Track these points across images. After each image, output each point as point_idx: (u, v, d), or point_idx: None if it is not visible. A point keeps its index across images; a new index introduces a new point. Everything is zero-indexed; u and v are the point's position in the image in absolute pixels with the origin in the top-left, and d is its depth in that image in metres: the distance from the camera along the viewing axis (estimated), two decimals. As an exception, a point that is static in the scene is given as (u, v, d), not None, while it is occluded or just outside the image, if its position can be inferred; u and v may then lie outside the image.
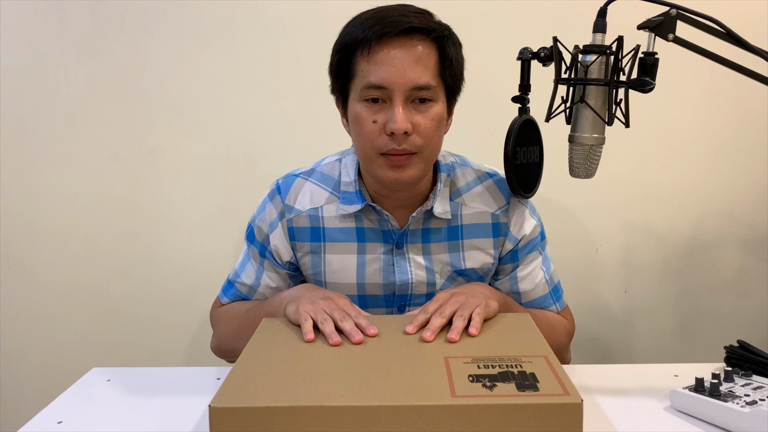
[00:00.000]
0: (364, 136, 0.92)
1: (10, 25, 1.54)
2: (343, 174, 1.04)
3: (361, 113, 0.92)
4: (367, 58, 0.89)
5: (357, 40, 0.90)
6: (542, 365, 0.73)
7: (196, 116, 1.59)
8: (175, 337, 1.69)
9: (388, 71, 0.88)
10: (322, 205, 1.03)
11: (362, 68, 0.90)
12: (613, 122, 0.83)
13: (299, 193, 1.05)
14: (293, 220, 1.04)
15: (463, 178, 1.06)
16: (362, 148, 0.94)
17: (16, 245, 1.65)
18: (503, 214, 1.05)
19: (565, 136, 0.85)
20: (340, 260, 1.03)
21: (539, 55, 0.83)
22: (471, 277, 1.05)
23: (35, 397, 1.69)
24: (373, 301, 1.06)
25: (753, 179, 1.61)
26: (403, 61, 0.88)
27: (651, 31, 0.78)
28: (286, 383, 0.70)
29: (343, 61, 0.93)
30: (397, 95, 0.89)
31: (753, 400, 0.79)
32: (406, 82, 0.89)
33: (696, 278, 1.67)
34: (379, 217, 1.02)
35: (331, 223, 1.03)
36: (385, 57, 0.88)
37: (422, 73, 0.89)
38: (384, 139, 0.91)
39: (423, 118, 0.91)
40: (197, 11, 1.53)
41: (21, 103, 1.58)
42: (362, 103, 0.92)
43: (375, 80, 0.89)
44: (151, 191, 1.62)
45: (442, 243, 1.04)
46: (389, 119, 0.90)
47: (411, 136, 0.91)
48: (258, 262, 1.09)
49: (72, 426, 0.86)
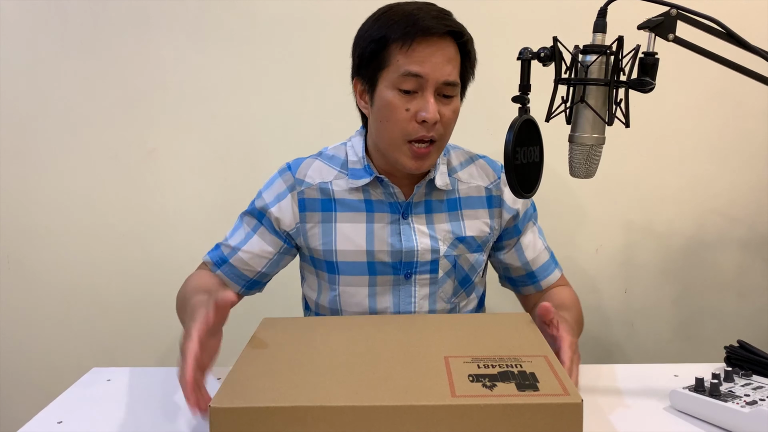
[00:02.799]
0: (395, 122, 1.01)
1: (10, 25, 1.54)
2: (350, 154, 1.13)
3: (394, 101, 1.01)
4: (405, 52, 0.99)
5: (395, 36, 0.99)
6: (542, 365, 0.73)
7: (196, 116, 1.59)
8: (174, 337, 1.69)
9: (425, 64, 0.98)
10: (332, 179, 1.12)
11: (399, 60, 0.99)
12: (613, 122, 0.83)
13: (309, 169, 1.13)
14: (304, 192, 1.12)
15: (457, 158, 1.17)
16: (390, 133, 1.03)
17: (16, 245, 1.65)
18: (495, 187, 1.16)
19: (565, 136, 0.85)
20: (350, 228, 1.10)
21: (539, 55, 0.83)
22: (471, 245, 1.13)
23: (35, 397, 1.69)
24: (382, 269, 1.10)
25: (753, 179, 1.61)
26: (439, 58, 0.99)
27: (651, 31, 0.78)
28: (287, 383, 0.70)
29: (378, 51, 1.01)
30: (429, 86, 0.99)
31: (753, 400, 0.79)
32: (440, 76, 0.99)
33: (696, 278, 1.67)
34: (385, 190, 1.11)
35: (341, 195, 1.11)
36: (424, 52, 0.99)
37: (452, 71, 1.01)
38: (414, 126, 1.01)
39: (447, 110, 1.02)
40: (197, 11, 1.53)
41: (21, 103, 1.58)
42: (395, 91, 1.01)
43: (414, 70, 0.98)
44: (151, 191, 1.63)
45: (443, 213, 1.12)
46: (421, 108, 1.00)
47: (437, 125, 1.01)
48: (250, 228, 1.15)
49: (72, 426, 0.86)
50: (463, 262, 1.12)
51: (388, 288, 1.11)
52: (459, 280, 1.13)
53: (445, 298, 1.13)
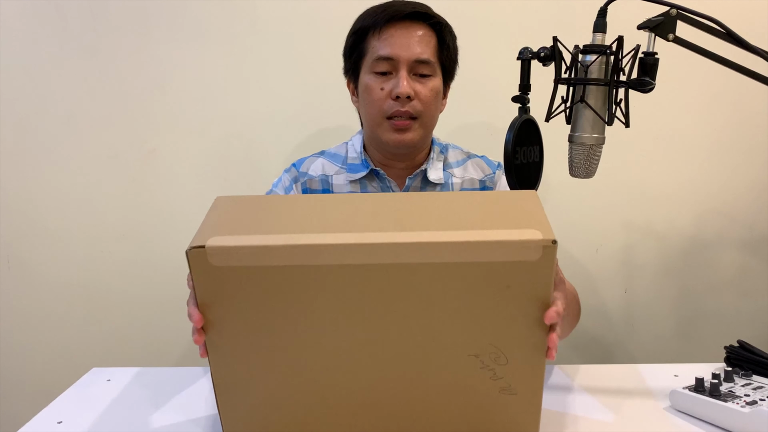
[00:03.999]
0: (373, 102, 1.08)
1: (10, 25, 1.54)
2: (350, 151, 1.19)
3: (370, 83, 1.08)
4: (377, 36, 1.07)
5: (369, 24, 1.08)
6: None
7: (196, 116, 1.59)
8: (175, 337, 1.69)
9: (395, 45, 1.06)
10: (332, 174, 1.19)
11: (373, 45, 1.08)
12: (613, 122, 0.83)
13: (312, 164, 1.21)
14: (308, 182, 1.19)
15: (454, 156, 1.22)
16: (370, 113, 1.10)
17: (16, 245, 1.65)
18: (489, 180, 1.21)
19: (565, 136, 0.85)
20: None
21: (539, 55, 0.83)
22: None
23: (35, 397, 1.69)
24: None
25: (753, 179, 1.61)
26: (408, 39, 1.06)
27: (651, 31, 0.78)
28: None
29: (356, 43, 1.10)
30: (402, 65, 1.06)
31: (753, 400, 0.79)
32: (410, 55, 1.06)
33: (696, 278, 1.67)
34: (381, 183, 1.16)
35: (340, 189, 1.18)
36: (393, 34, 1.06)
37: (423, 50, 1.07)
38: (390, 103, 1.07)
39: (423, 88, 1.08)
40: (197, 11, 1.53)
41: (21, 103, 1.58)
42: (372, 74, 1.08)
43: (384, 53, 1.06)
44: (151, 191, 1.62)
45: None
46: (395, 86, 1.06)
47: (413, 101, 1.07)
48: None
49: (72, 426, 0.86)
50: None
51: None
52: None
53: None
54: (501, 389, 0.71)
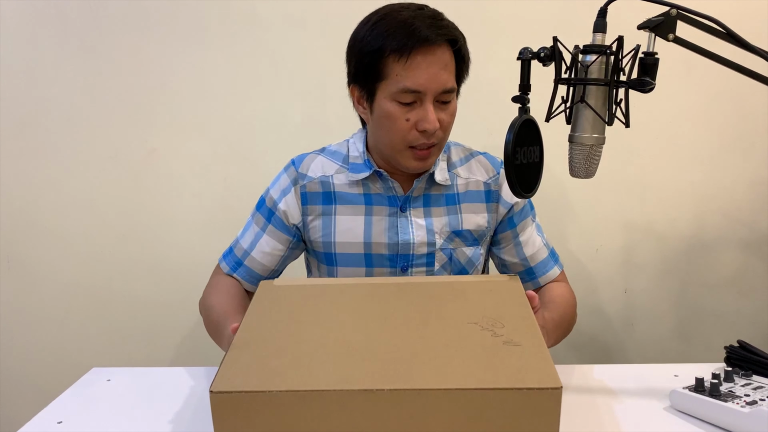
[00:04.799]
0: (396, 131, 1.04)
1: (10, 25, 1.54)
2: (351, 149, 1.16)
3: (393, 112, 1.03)
4: (403, 65, 1.00)
5: (392, 47, 0.99)
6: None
7: (196, 116, 1.59)
8: (175, 337, 1.69)
9: (423, 77, 1.00)
10: (333, 173, 1.15)
11: (397, 73, 1.00)
12: (613, 122, 0.83)
13: (312, 163, 1.16)
14: (306, 186, 1.14)
15: (457, 154, 1.19)
16: (391, 140, 1.06)
17: (16, 245, 1.65)
18: (494, 182, 1.18)
19: (565, 136, 0.85)
20: (349, 221, 1.13)
21: (539, 55, 0.83)
22: (467, 238, 1.15)
23: (35, 397, 1.69)
24: (379, 261, 1.13)
25: (753, 179, 1.61)
26: (435, 68, 1.00)
27: (651, 31, 0.78)
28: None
29: (374, 63, 1.02)
30: (428, 97, 1.01)
31: (753, 400, 0.80)
32: (438, 86, 1.01)
33: (696, 278, 1.67)
34: (384, 184, 1.13)
35: (341, 188, 1.14)
36: (419, 65, 1.00)
37: (448, 78, 1.02)
38: (415, 134, 1.04)
39: (445, 114, 1.05)
40: (197, 11, 1.53)
41: (21, 103, 1.58)
42: (394, 103, 1.03)
43: (411, 85, 1.00)
44: (151, 191, 1.63)
45: (441, 207, 1.15)
46: (421, 118, 1.02)
47: (437, 131, 1.04)
48: (260, 227, 1.17)
49: (72, 426, 0.86)
50: (459, 256, 1.14)
51: None
52: (455, 273, 1.15)
53: None
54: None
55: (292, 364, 0.68)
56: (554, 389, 0.63)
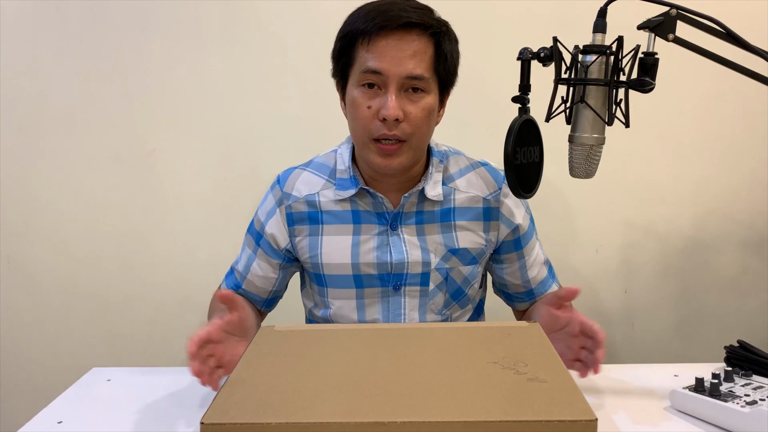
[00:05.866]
0: (359, 120, 0.98)
1: (10, 25, 1.54)
2: (338, 162, 1.09)
3: (357, 97, 0.97)
4: (366, 46, 0.95)
5: (359, 30, 0.95)
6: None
7: (196, 116, 1.59)
8: (175, 337, 1.69)
9: (385, 59, 0.94)
10: (319, 191, 1.08)
11: (361, 55, 0.96)
12: (613, 122, 0.83)
13: (297, 181, 1.10)
14: (292, 206, 1.09)
15: (456, 165, 1.11)
16: (356, 132, 1.00)
17: (16, 245, 1.65)
18: (495, 199, 1.09)
19: (565, 136, 0.85)
20: (335, 241, 1.07)
21: (539, 55, 0.83)
22: (464, 257, 1.09)
23: (35, 397, 1.69)
24: (369, 281, 1.08)
25: (753, 179, 1.61)
26: (400, 52, 0.94)
27: (651, 31, 0.78)
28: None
29: (345, 48, 0.98)
30: (392, 83, 0.95)
31: (753, 400, 0.79)
32: (401, 71, 0.94)
33: (696, 278, 1.67)
34: (373, 200, 1.06)
35: (328, 206, 1.07)
36: (384, 47, 0.94)
37: (417, 65, 0.95)
38: (377, 124, 0.96)
39: (414, 108, 0.97)
40: (197, 11, 1.53)
41: (21, 103, 1.58)
42: (359, 88, 0.97)
43: (372, 65, 0.94)
44: (151, 191, 1.62)
45: (435, 224, 1.08)
46: (383, 105, 0.95)
47: (402, 124, 0.96)
48: (251, 250, 1.14)
49: (72, 426, 0.86)
50: (455, 275, 1.09)
51: (377, 299, 1.09)
52: (451, 292, 1.10)
53: (435, 310, 1.10)
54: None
55: (292, 398, 0.66)
56: (588, 421, 0.59)
